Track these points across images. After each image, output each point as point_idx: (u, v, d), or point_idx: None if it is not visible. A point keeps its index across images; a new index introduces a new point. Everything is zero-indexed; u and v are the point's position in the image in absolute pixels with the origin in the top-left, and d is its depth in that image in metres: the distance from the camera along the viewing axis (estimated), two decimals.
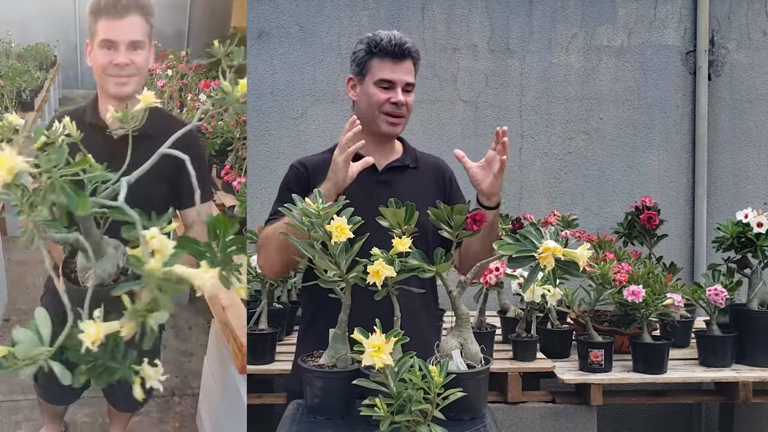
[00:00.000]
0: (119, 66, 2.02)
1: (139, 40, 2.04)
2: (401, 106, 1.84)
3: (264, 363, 2.63)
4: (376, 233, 1.51)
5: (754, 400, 2.61)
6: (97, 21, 2.02)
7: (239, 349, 2.11)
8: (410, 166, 1.93)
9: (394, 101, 1.83)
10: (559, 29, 3.82)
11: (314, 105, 3.77)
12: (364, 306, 1.49)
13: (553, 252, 1.32)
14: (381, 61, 1.84)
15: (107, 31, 2.01)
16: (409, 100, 1.86)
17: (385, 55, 1.83)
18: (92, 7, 2.03)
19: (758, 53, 3.83)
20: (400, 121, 1.86)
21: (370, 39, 1.87)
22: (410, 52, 1.85)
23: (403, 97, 1.83)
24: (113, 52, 2.01)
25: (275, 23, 3.78)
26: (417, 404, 1.33)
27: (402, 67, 1.84)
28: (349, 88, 1.93)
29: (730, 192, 3.82)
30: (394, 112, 1.84)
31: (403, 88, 1.84)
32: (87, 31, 2.09)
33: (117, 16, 2.00)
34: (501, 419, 2.56)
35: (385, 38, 1.84)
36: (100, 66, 2.03)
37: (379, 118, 1.85)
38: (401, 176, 1.90)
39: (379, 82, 1.84)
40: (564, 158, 3.82)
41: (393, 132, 1.87)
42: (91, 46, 2.07)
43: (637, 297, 2.49)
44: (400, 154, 1.95)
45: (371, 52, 1.86)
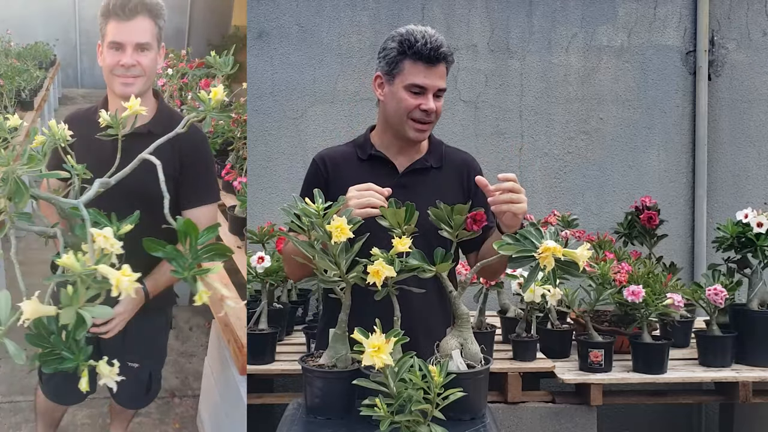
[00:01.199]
0: (125, 67, 2.07)
1: (145, 42, 2.09)
2: (431, 113, 1.76)
3: (264, 363, 2.63)
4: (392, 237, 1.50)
5: (754, 400, 2.60)
6: (107, 23, 2.09)
7: (239, 350, 2.11)
8: (433, 166, 1.86)
9: (424, 108, 1.75)
10: (559, 29, 3.82)
11: (314, 105, 3.77)
12: (374, 305, 1.47)
13: (553, 252, 1.32)
14: (414, 64, 1.73)
15: (115, 33, 2.07)
16: (439, 106, 1.78)
17: (419, 58, 1.72)
18: (103, 9, 2.09)
19: (758, 53, 3.83)
20: (428, 128, 1.80)
21: (403, 38, 1.74)
22: (445, 56, 1.74)
23: (434, 104, 1.75)
24: (120, 53, 2.07)
25: (275, 23, 3.77)
26: (417, 404, 1.33)
27: (435, 71, 1.74)
28: (376, 86, 1.83)
29: (730, 192, 3.82)
30: (423, 119, 1.76)
31: (435, 94, 1.76)
32: (94, 33, 2.16)
33: (125, 18, 2.06)
34: (501, 419, 2.56)
35: (420, 39, 1.72)
36: (107, 66, 2.10)
37: (407, 124, 1.78)
38: (423, 178, 1.85)
39: (410, 87, 1.74)
40: (564, 158, 3.82)
41: (419, 138, 1.81)
42: (101, 47, 2.13)
43: (637, 297, 2.49)
44: (425, 153, 1.88)
45: (404, 52, 1.74)
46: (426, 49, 1.72)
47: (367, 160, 1.85)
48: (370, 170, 1.82)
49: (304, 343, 2.80)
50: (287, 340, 3.00)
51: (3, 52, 4.70)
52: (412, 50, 1.73)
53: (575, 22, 3.82)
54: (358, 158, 1.87)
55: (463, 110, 3.77)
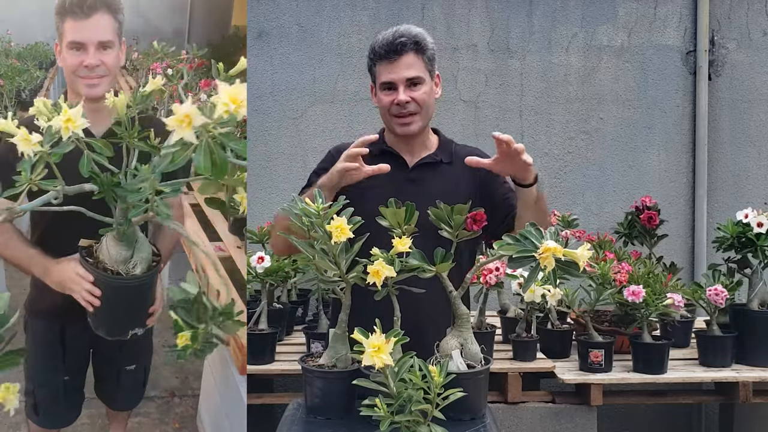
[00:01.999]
0: (89, 67, 1.97)
1: (108, 40, 1.98)
2: (406, 104, 1.80)
3: (264, 363, 2.63)
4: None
5: (754, 400, 2.60)
6: (64, 21, 1.97)
7: (239, 350, 2.11)
8: (443, 161, 1.89)
9: (396, 101, 1.80)
10: (559, 29, 3.82)
11: (314, 105, 3.77)
12: (376, 305, 1.48)
13: (553, 252, 1.32)
14: (380, 64, 1.82)
15: (75, 32, 1.96)
16: (417, 95, 1.80)
17: (381, 57, 1.81)
18: (58, 8, 1.97)
19: (758, 53, 3.83)
20: (412, 119, 1.82)
21: (371, 47, 1.85)
22: (404, 45, 1.79)
23: (406, 95, 1.79)
24: (82, 54, 1.96)
25: (275, 23, 3.77)
26: (417, 404, 1.33)
27: (398, 64, 1.79)
28: (372, 97, 1.92)
29: (730, 192, 3.82)
30: (400, 113, 1.81)
31: (407, 85, 1.80)
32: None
33: (83, 16, 1.94)
34: (501, 419, 2.56)
35: (379, 40, 1.82)
36: (70, 68, 1.99)
37: (392, 121, 1.84)
38: (433, 173, 1.87)
39: (382, 86, 1.82)
40: (564, 158, 3.82)
41: (407, 132, 1.84)
42: (60, 47, 2.02)
43: (637, 297, 2.49)
44: (434, 149, 1.91)
45: (372, 58, 1.84)
46: (382, 47, 1.80)
47: (378, 155, 1.88)
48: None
49: (304, 343, 2.80)
50: (287, 340, 2.99)
51: (3, 53, 4.71)
52: (374, 53, 1.83)
53: (575, 22, 3.82)
54: (371, 153, 1.89)
55: (463, 110, 3.77)
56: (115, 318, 1.81)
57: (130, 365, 2.32)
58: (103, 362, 2.30)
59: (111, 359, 2.28)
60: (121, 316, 1.82)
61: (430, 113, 1.87)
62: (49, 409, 2.24)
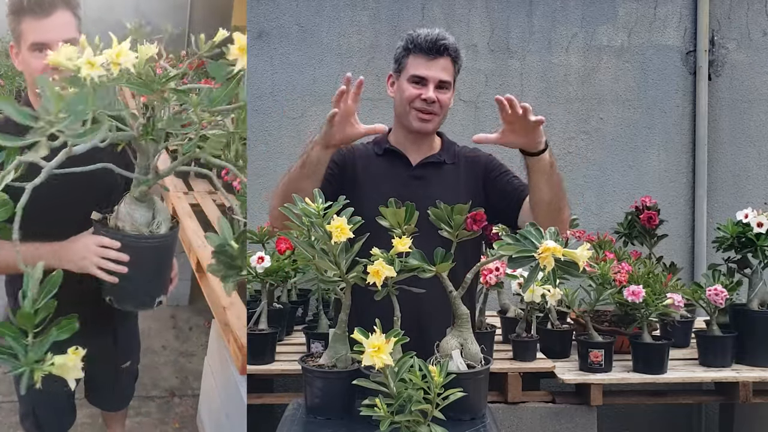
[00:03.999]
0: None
1: (72, 38, 1.77)
2: (432, 103, 1.82)
3: (264, 363, 2.63)
4: None
5: (754, 400, 2.60)
6: (21, 21, 1.79)
7: (239, 350, 2.11)
8: (447, 162, 1.91)
9: (424, 97, 1.81)
10: (559, 29, 3.82)
11: (314, 105, 3.77)
12: (378, 305, 1.47)
13: (553, 252, 1.32)
14: (416, 57, 1.83)
15: (37, 33, 1.78)
16: (443, 98, 1.85)
17: (420, 51, 1.82)
18: (13, 6, 1.80)
19: (758, 53, 3.83)
20: (431, 118, 1.85)
21: (408, 36, 1.86)
22: (447, 48, 1.83)
23: (435, 95, 1.82)
24: (46, 54, 1.78)
25: (275, 23, 3.77)
26: (417, 404, 1.33)
27: (436, 64, 1.83)
28: (389, 86, 1.92)
29: (730, 192, 3.82)
30: (425, 109, 1.83)
31: (437, 85, 1.83)
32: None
33: (43, 14, 1.77)
34: (501, 419, 2.56)
35: (423, 34, 1.83)
36: (35, 71, 1.78)
37: (410, 114, 1.84)
38: (437, 172, 1.89)
39: (412, 78, 1.83)
40: (564, 158, 3.81)
41: (423, 128, 1.86)
42: (17, 49, 1.84)
43: (637, 297, 2.49)
44: (438, 150, 1.93)
45: (407, 48, 1.85)
46: (426, 42, 1.82)
47: (382, 154, 1.91)
48: (384, 163, 1.90)
49: (304, 343, 2.80)
50: (287, 340, 2.99)
51: (3, 53, 4.70)
52: (414, 44, 1.83)
53: (575, 22, 3.82)
54: (375, 153, 1.93)
55: (463, 110, 3.77)
56: (143, 285, 1.74)
57: (125, 362, 2.29)
58: (98, 363, 2.24)
59: (107, 359, 2.20)
60: (149, 281, 1.74)
61: (444, 119, 1.91)
62: (52, 423, 2.22)
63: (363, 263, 1.44)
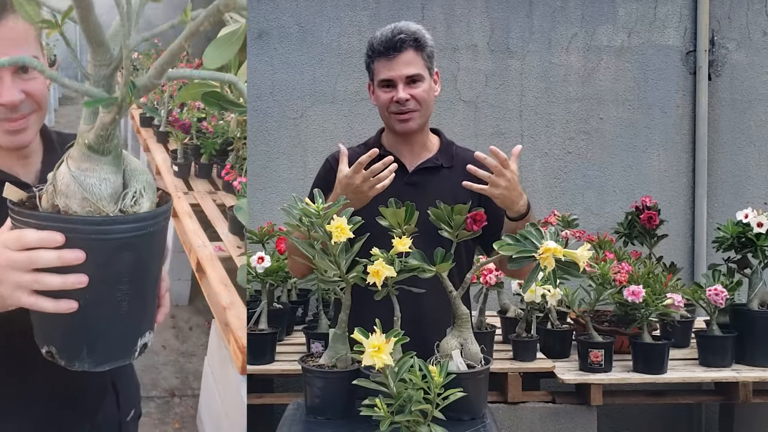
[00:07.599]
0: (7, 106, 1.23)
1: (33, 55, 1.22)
2: (405, 102, 1.78)
3: (264, 363, 2.63)
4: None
5: (754, 400, 2.60)
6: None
7: (239, 350, 2.11)
8: (444, 165, 1.87)
9: (396, 99, 1.78)
10: (559, 29, 3.82)
11: (314, 105, 3.77)
12: (378, 305, 1.48)
13: (554, 252, 1.32)
14: (378, 61, 1.80)
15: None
16: (417, 92, 1.79)
17: (380, 54, 1.79)
18: None
19: (758, 53, 3.83)
20: (411, 116, 1.80)
21: (368, 41, 1.83)
22: (404, 42, 1.77)
23: (405, 93, 1.78)
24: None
25: (275, 23, 3.77)
26: (417, 404, 1.33)
27: (398, 61, 1.78)
28: (371, 95, 1.89)
29: (730, 192, 3.82)
30: (400, 110, 1.79)
31: (407, 82, 1.78)
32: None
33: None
34: (501, 419, 2.56)
35: (377, 37, 1.80)
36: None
37: (391, 119, 1.82)
38: (433, 177, 1.85)
39: (381, 83, 1.81)
40: (564, 158, 3.82)
41: (406, 129, 1.82)
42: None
43: (637, 297, 2.49)
44: (435, 152, 1.89)
45: (370, 55, 1.83)
46: (381, 43, 1.79)
47: (376, 160, 1.86)
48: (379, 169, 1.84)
49: (304, 343, 2.80)
50: (287, 340, 3.00)
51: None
52: (372, 49, 1.81)
53: (575, 22, 3.82)
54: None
55: (463, 110, 3.77)
56: (114, 312, 0.99)
57: (129, 414, 1.63)
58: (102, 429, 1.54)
59: (110, 423, 1.55)
60: (126, 305, 1.00)
61: (430, 111, 1.85)
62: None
63: (363, 263, 1.44)
